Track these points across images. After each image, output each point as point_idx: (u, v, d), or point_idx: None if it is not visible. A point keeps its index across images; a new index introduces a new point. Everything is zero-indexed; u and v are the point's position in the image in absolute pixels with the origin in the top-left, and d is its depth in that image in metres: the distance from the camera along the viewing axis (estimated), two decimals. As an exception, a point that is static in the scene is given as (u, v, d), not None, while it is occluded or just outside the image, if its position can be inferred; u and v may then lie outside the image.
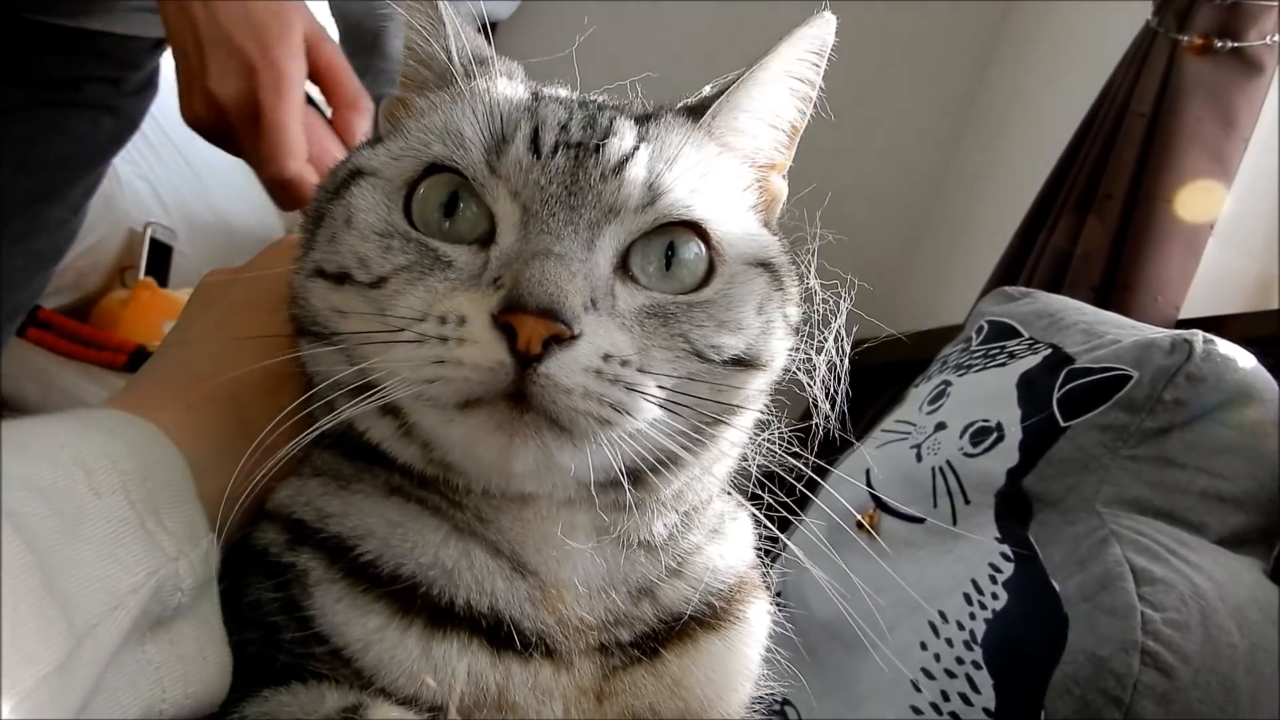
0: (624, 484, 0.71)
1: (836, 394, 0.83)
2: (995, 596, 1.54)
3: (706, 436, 0.74)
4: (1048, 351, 1.79)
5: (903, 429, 1.98)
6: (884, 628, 1.59)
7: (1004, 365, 1.86)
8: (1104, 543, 1.46)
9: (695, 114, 0.81)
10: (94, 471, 0.61)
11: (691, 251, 0.74)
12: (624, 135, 0.75)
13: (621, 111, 0.80)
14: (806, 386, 0.82)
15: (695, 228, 0.75)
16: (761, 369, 0.77)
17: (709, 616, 0.80)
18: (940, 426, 1.86)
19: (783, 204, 0.88)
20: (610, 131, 0.75)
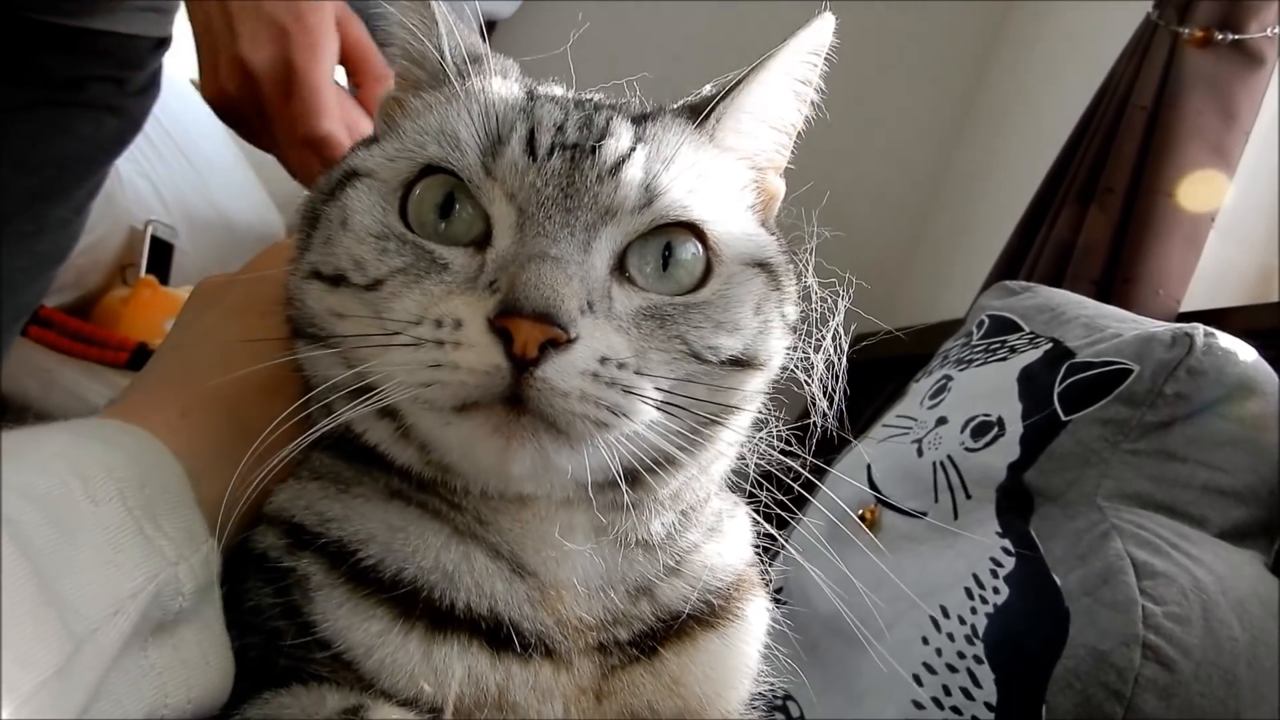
0: (621, 485, 0.70)
1: (834, 392, 0.83)
2: (996, 591, 1.54)
3: (704, 437, 0.74)
4: (1048, 346, 1.79)
5: (904, 424, 1.98)
6: (885, 623, 1.59)
7: (1005, 360, 1.86)
8: (1105, 537, 1.46)
9: (695, 113, 0.81)
10: (90, 480, 0.61)
11: (689, 252, 0.74)
12: (620, 136, 0.75)
13: (618, 111, 0.80)
14: (805, 385, 0.82)
15: (692, 228, 0.74)
16: (759, 369, 0.77)
17: (707, 615, 0.80)
18: (941, 421, 1.86)
19: (780, 203, 0.88)
20: (607, 132, 0.75)
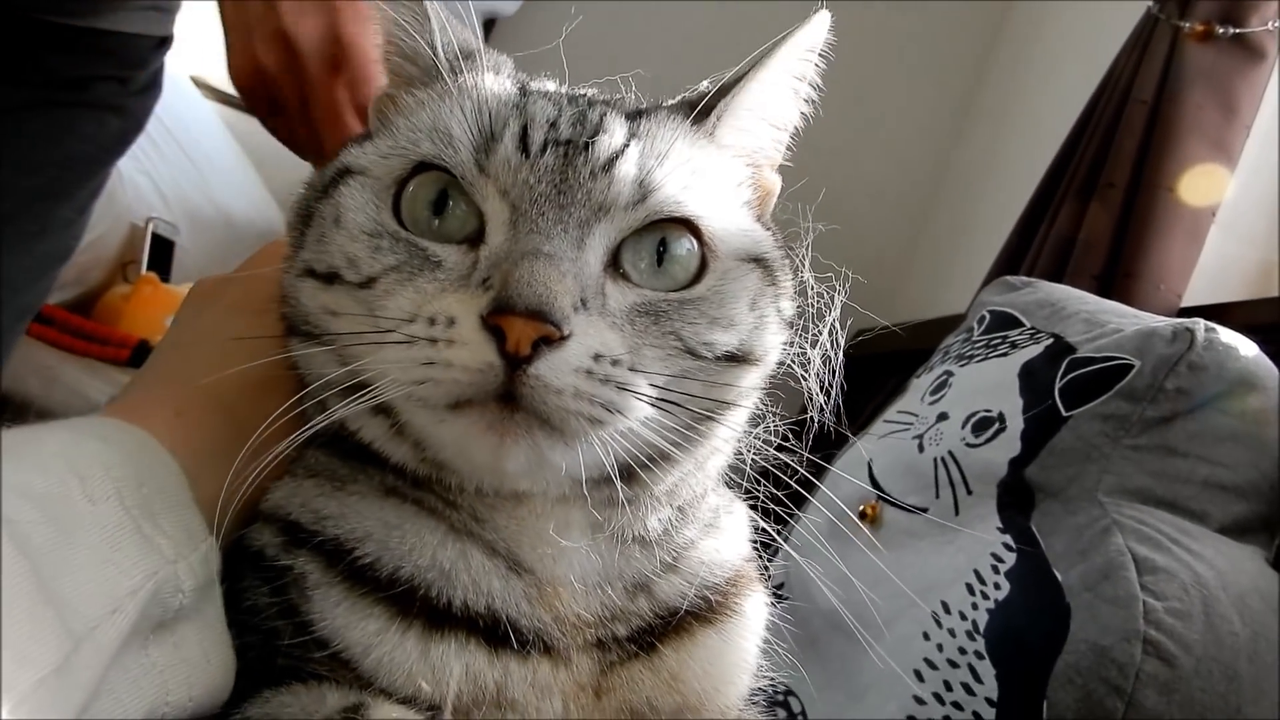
0: (616, 481, 0.70)
1: (832, 387, 0.83)
2: (997, 586, 1.54)
3: (699, 433, 0.74)
4: (1049, 341, 1.79)
5: (905, 420, 1.98)
6: (887, 619, 1.59)
7: (1006, 355, 1.85)
8: (1106, 532, 1.46)
9: (691, 109, 0.81)
10: (88, 479, 0.61)
11: (683, 248, 0.74)
12: (614, 132, 0.74)
13: (612, 107, 0.80)
14: (801, 380, 0.82)
15: (687, 224, 0.74)
16: (755, 365, 0.77)
17: (705, 610, 0.80)
18: (942, 417, 1.86)
19: (775, 198, 0.87)
20: (600, 128, 0.74)
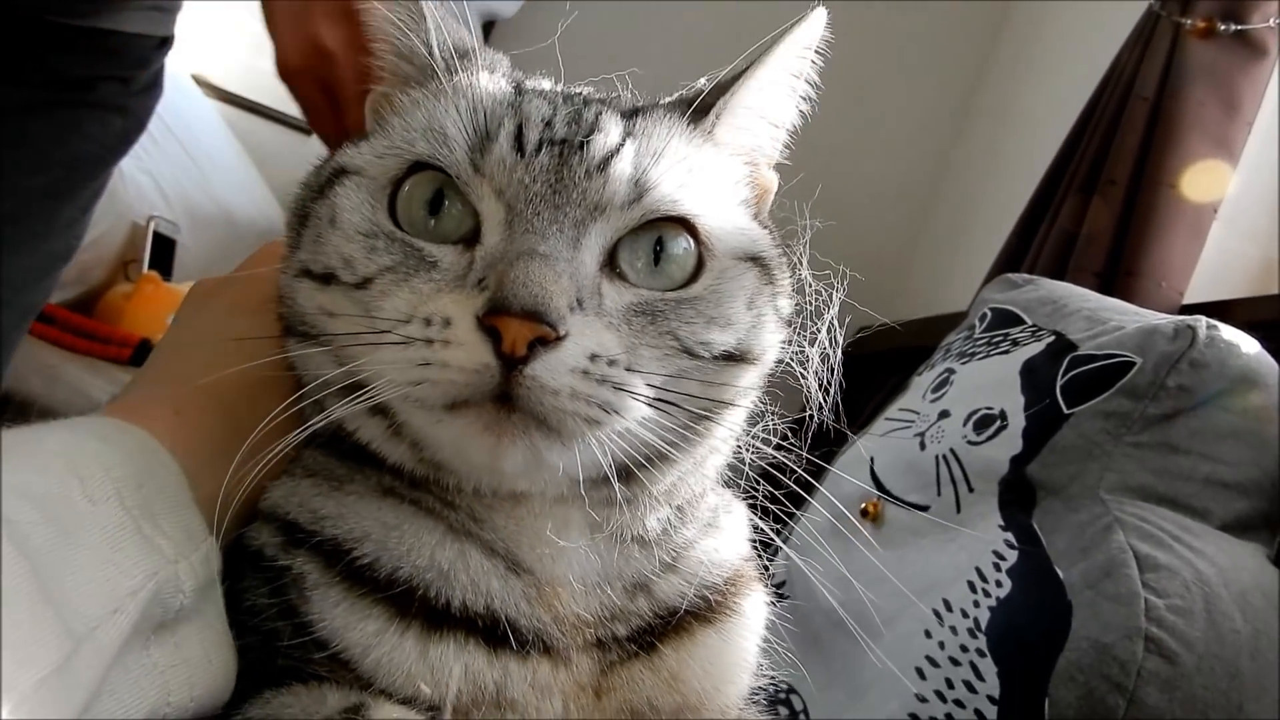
0: (614, 481, 0.70)
1: (830, 385, 0.83)
2: (999, 584, 1.54)
3: (697, 432, 0.74)
4: (1051, 338, 1.79)
5: (906, 417, 1.98)
6: (888, 617, 1.59)
7: (1007, 353, 1.85)
8: (1108, 530, 1.46)
9: (687, 108, 0.81)
10: (88, 479, 0.61)
11: (680, 246, 0.74)
12: (609, 131, 0.74)
13: (608, 105, 0.80)
14: (800, 379, 0.82)
15: (684, 223, 0.74)
16: (752, 364, 0.77)
17: (704, 610, 0.80)
18: (944, 415, 1.86)
19: (773, 196, 0.87)
20: (595, 127, 0.74)
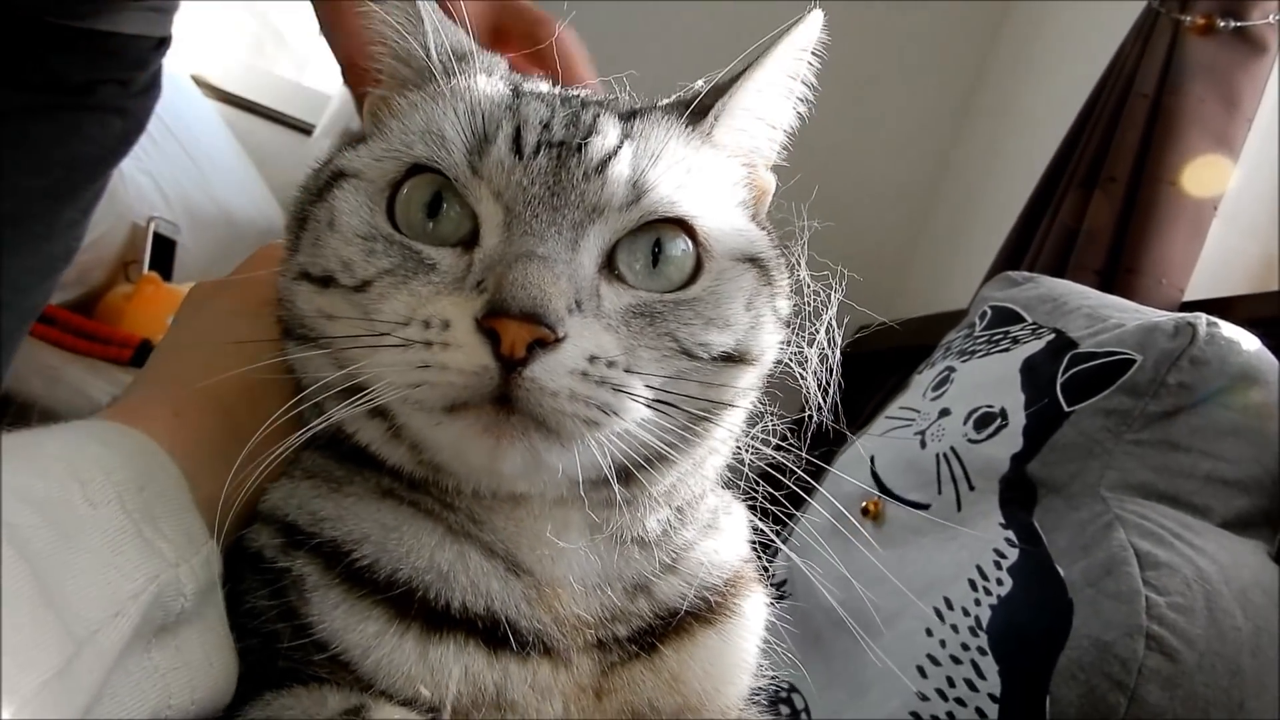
0: (613, 483, 0.70)
1: (830, 385, 0.83)
2: (1000, 582, 1.54)
3: (696, 434, 0.74)
4: (1051, 336, 1.79)
5: (907, 416, 1.98)
6: (889, 616, 1.59)
7: (1007, 351, 1.85)
8: (1108, 528, 1.45)
9: (686, 109, 0.81)
10: (88, 483, 0.61)
11: (678, 248, 0.74)
12: (607, 133, 0.74)
13: (606, 108, 0.80)
14: (799, 379, 0.82)
15: (682, 224, 0.74)
16: (751, 365, 0.77)
17: (705, 611, 0.80)
18: (944, 413, 1.86)
19: (770, 197, 0.87)
20: (593, 129, 0.74)
